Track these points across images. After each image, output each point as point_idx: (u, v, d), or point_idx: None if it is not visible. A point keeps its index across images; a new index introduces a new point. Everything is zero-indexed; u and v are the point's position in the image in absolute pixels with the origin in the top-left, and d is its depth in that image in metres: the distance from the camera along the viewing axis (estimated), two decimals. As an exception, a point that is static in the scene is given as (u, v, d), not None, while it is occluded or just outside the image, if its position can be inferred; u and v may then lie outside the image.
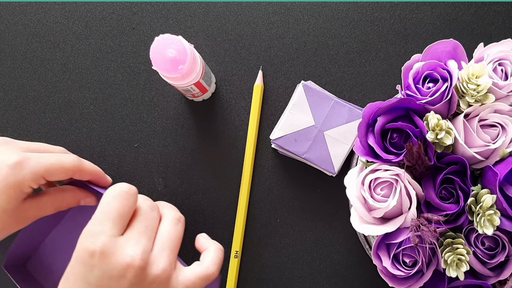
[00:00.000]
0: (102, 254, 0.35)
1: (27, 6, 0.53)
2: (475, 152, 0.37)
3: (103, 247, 0.35)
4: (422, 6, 0.51)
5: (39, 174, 0.40)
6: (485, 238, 0.38)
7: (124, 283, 0.35)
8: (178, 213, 0.41)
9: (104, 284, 0.35)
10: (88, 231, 0.36)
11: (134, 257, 0.35)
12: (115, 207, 0.37)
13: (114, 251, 0.35)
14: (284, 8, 0.52)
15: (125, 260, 0.35)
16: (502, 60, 0.39)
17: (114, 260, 0.35)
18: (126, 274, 0.35)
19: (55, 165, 0.41)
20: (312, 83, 0.49)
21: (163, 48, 0.42)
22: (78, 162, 0.43)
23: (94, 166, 0.45)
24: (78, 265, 0.35)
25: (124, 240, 0.36)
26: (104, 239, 0.35)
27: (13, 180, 0.39)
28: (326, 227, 0.51)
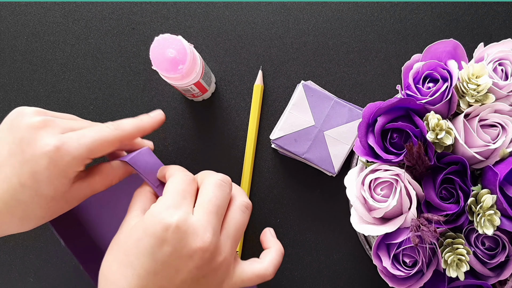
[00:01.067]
0: (178, 229, 0.33)
1: (27, 6, 0.53)
2: (475, 152, 0.37)
3: (181, 222, 0.34)
4: (422, 6, 0.51)
5: (83, 156, 0.37)
6: (485, 238, 0.38)
7: (191, 264, 0.34)
8: (247, 199, 0.40)
9: (171, 262, 0.34)
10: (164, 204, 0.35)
11: (206, 240, 0.34)
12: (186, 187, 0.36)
13: (189, 229, 0.34)
14: (284, 8, 0.52)
15: (198, 241, 0.34)
16: (502, 60, 0.39)
17: (187, 239, 0.34)
18: (195, 256, 0.34)
19: (97, 141, 0.38)
20: (312, 83, 0.49)
21: (163, 48, 0.42)
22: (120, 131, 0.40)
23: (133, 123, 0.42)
24: (148, 238, 0.34)
25: (197, 219, 0.35)
26: (182, 214, 0.34)
27: (56, 170, 0.36)
28: (326, 227, 0.51)
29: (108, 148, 0.39)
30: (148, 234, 0.34)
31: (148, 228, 0.34)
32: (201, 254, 0.34)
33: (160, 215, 0.34)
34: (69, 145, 0.37)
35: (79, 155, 0.37)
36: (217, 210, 0.36)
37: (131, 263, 0.34)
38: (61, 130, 0.38)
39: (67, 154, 0.36)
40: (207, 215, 0.35)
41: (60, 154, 0.36)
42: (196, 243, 0.34)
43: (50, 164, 0.36)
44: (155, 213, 0.34)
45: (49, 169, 0.36)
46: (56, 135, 0.37)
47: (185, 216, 0.34)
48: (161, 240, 0.33)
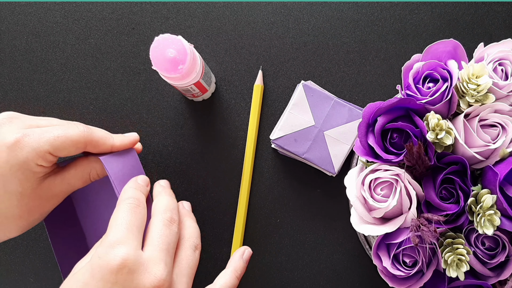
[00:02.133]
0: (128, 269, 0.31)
1: (27, 6, 0.53)
2: (475, 152, 0.37)
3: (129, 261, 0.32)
4: (422, 6, 0.51)
5: (43, 150, 0.36)
6: (485, 238, 0.38)
7: None
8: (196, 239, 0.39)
9: None
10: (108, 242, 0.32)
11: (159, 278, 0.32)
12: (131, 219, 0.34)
13: (140, 267, 0.32)
14: (284, 8, 0.52)
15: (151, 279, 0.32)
16: (502, 60, 0.39)
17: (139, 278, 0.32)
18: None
19: (60, 138, 0.37)
20: (312, 83, 0.49)
21: (163, 48, 0.42)
22: (87, 131, 0.38)
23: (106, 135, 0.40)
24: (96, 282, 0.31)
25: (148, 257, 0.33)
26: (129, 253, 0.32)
27: (16, 161, 0.35)
28: (326, 227, 0.51)
29: (72, 147, 0.38)
30: (96, 278, 0.32)
31: (95, 273, 0.32)
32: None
33: (107, 256, 0.32)
34: (30, 137, 0.36)
35: (39, 147, 0.36)
36: (167, 247, 0.35)
37: None
38: (25, 126, 0.37)
39: (27, 145, 0.36)
40: (159, 252, 0.34)
41: (20, 145, 0.35)
42: (149, 281, 0.32)
43: (10, 156, 0.35)
44: (101, 254, 0.32)
45: (9, 161, 0.35)
46: (19, 129, 0.36)
47: (133, 253, 0.32)
48: (110, 283, 0.31)
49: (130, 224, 0.34)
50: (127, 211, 0.35)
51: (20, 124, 0.37)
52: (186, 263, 0.36)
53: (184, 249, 0.37)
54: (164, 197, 0.39)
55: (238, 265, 0.40)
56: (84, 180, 0.41)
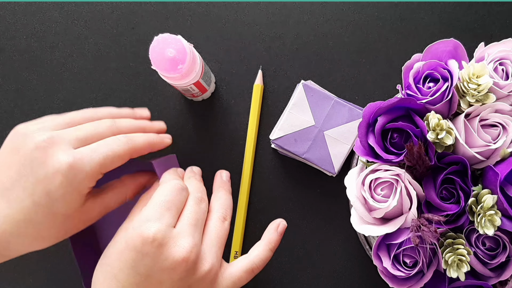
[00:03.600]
0: (156, 242, 0.34)
1: (27, 6, 0.53)
2: (475, 152, 0.37)
3: (159, 235, 0.34)
4: (422, 6, 0.51)
5: (95, 172, 0.37)
6: (485, 238, 0.38)
7: (174, 276, 0.34)
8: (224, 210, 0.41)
9: (154, 275, 0.34)
10: (145, 216, 0.35)
11: (188, 250, 0.34)
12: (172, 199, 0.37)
13: (169, 241, 0.34)
14: (284, 8, 0.52)
15: (180, 252, 0.34)
16: (503, 59, 0.39)
17: (168, 251, 0.34)
18: (178, 267, 0.34)
19: (109, 156, 0.38)
20: (312, 83, 0.49)
21: (163, 48, 0.42)
22: (131, 144, 0.40)
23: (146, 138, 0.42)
24: (129, 251, 0.34)
25: (178, 232, 0.35)
26: (161, 227, 0.34)
27: (70, 187, 0.36)
28: (326, 227, 0.50)
29: (119, 162, 0.39)
30: (129, 247, 0.34)
31: (129, 242, 0.34)
32: (184, 265, 0.34)
33: (140, 228, 0.34)
34: (82, 161, 0.36)
35: (92, 170, 0.37)
36: (196, 223, 0.37)
37: (116, 276, 0.34)
38: (69, 144, 0.37)
39: (81, 171, 0.36)
40: (187, 226, 0.36)
41: (74, 171, 0.36)
42: (177, 254, 0.34)
43: (64, 182, 0.36)
44: (136, 225, 0.35)
45: (63, 186, 0.36)
46: (66, 152, 0.36)
47: (164, 228, 0.35)
48: (141, 254, 0.34)
49: (169, 203, 0.36)
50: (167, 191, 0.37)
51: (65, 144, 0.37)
52: (214, 233, 0.39)
53: (212, 220, 0.40)
54: (194, 181, 0.42)
55: (272, 237, 0.42)
56: (120, 202, 0.42)
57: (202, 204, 0.39)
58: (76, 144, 0.38)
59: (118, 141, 0.39)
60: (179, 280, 0.35)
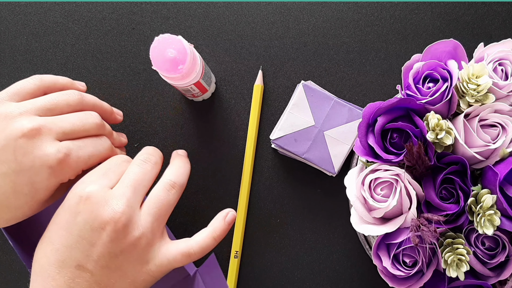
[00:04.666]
0: (89, 200, 0.34)
1: (27, 6, 0.53)
2: (475, 152, 0.37)
3: (91, 193, 0.35)
4: (422, 6, 0.51)
5: (79, 169, 0.38)
6: (485, 238, 0.38)
7: (103, 236, 0.34)
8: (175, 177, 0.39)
9: (85, 235, 0.34)
10: (82, 180, 0.36)
11: (117, 211, 0.34)
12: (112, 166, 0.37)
13: (101, 200, 0.35)
14: (284, 8, 0.52)
15: (108, 212, 0.34)
16: (502, 60, 0.39)
17: (98, 210, 0.34)
18: (107, 227, 0.34)
19: (93, 157, 0.39)
20: (312, 83, 0.49)
21: (163, 48, 0.42)
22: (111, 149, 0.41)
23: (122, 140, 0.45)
24: (64, 212, 0.35)
25: (112, 192, 0.35)
26: (96, 187, 0.35)
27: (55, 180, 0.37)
28: (326, 227, 0.51)
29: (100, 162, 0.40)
30: (64, 208, 0.35)
31: (65, 202, 0.35)
32: (113, 225, 0.34)
33: (76, 189, 0.35)
34: (70, 158, 0.37)
35: (77, 167, 0.38)
36: (135, 184, 0.37)
37: (50, 238, 0.35)
38: (56, 137, 0.37)
39: (68, 168, 0.37)
40: (124, 188, 0.36)
41: (61, 166, 0.36)
42: (107, 213, 0.34)
43: (51, 175, 0.36)
44: (73, 188, 0.36)
45: (49, 180, 0.36)
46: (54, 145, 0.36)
47: (99, 188, 0.35)
48: (74, 213, 0.34)
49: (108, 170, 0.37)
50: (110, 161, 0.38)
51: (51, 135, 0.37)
52: (154, 201, 0.38)
53: (157, 187, 0.38)
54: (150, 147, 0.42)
55: (219, 226, 0.41)
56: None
57: (146, 165, 0.38)
58: (62, 137, 0.38)
59: (103, 144, 0.40)
60: (109, 241, 0.34)
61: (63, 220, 0.35)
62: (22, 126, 0.36)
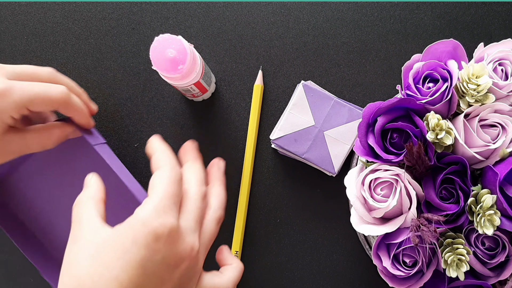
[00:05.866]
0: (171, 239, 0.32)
1: (27, 6, 0.53)
2: (475, 152, 0.37)
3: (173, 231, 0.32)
4: (422, 6, 0.51)
5: (22, 103, 0.37)
6: (485, 238, 0.38)
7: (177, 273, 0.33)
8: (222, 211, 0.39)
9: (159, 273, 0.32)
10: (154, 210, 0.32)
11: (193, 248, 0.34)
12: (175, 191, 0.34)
13: (179, 237, 0.33)
14: (284, 8, 0.52)
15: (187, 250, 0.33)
16: (502, 60, 0.39)
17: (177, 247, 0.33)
18: (182, 264, 0.33)
19: (40, 95, 0.38)
20: (312, 83, 0.49)
21: (163, 48, 0.42)
22: (66, 95, 0.40)
23: (81, 103, 0.42)
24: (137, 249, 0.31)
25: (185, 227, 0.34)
26: (174, 223, 0.33)
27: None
28: (326, 227, 0.51)
29: (49, 106, 0.39)
30: (139, 244, 0.32)
31: (139, 238, 0.32)
32: (188, 262, 0.34)
33: (152, 223, 0.32)
34: (13, 89, 0.37)
35: (20, 100, 0.37)
36: (200, 220, 0.36)
37: (116, 278, 0.31)
38: (6, 74, 0.38)
39: (10, 97, 0.37)
40: (194, 223, 0.35)
41: (3, 96, 0.36)
42: (184, 251, 0.33)
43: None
44: (146, 220, 0.32)
45: None
46: (3, 80, 0.37)
47: (176, 224, 0.33)
48: (152, 251, 0.32)
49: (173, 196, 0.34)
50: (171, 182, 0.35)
51: (2, 72, 0.38)
52: (208, 235, 0.37)
53: (209, 221, 0.38)
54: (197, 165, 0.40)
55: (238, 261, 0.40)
56: (42, 146, 0.42)
57: (205, 200, 0.38)
58: (12, 77, 0.38)
59: (55, 87, 0.40)
60: (179, 277, 0.33)
61: (137, 258, 0.31)
62: None
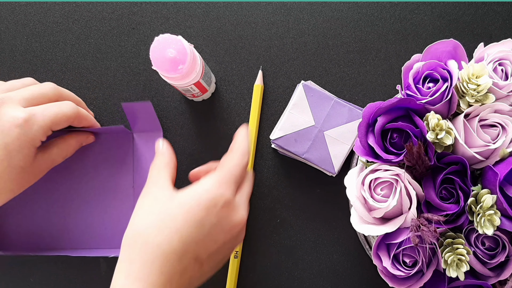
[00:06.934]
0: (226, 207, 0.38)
1: (27, 6, 0.53)
2: (475, 152, 0.37)
3: (229, 201, 0.39)
4: (422, 6, 0.51)
5: (48, 127, 0.42)
6: (485, 238, 0.38)
7: (227, 236, 0.39)
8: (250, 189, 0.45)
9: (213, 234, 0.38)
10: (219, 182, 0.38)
11: (244, 220, 0.40)
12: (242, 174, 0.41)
13: (234, 208, 0.39)
14: (284, 8, 0.52)
15: (239, 220, 0.39)
16: (502, 60, 0.39)
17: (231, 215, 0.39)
18: (233, 230, 0.39)
19: (59, 115, 0.43)
20: (312, 83, 0.49)
21: (163, 48, 0.42)
22: (76, 109, 0.45)
23: (87, 112, 0.48)
24: (199, 210, 0.37)
25: (239, 202, 0.40)
26: (232, 196, 0.39)
27: (26, 139, 0.40)
28: (326, 227, 0.51)
29: (66, 122, 0.44)
30: (201, 207, 0.37)
31: (201, 202, 0.37)
32: (237, 230, 0.39)
33: (214, 192, 0.38)
34: (36, 116, 0.41)
35: (45, 124, 0.42)
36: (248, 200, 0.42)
37: (179, 230, 0.37)
38: (18, 103, 0.42)
39: (35, 124, 0.41)
40: (245, 199, 0.41)
41: (29, 124, 0.41)
42: (237, 220, 0.39)
43: (21, 134, 0.40)
44: (209, 189, 0.38)
45: (19, 139, 0.40)
46: (19, 108, 0.41)
47: (232, 197, 0.39)
48: (212, 214, 0.37)
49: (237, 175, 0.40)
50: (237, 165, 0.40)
51: (15, 102, 0.42)
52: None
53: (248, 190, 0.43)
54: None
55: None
56: (63, 157, 0.47)
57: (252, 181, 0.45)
58: (24, 103, 0.42)
59: (67, 105, 0.44)
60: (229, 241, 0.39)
61: (197, 217, 0.37)
62: None
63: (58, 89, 0.46)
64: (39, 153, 0.43)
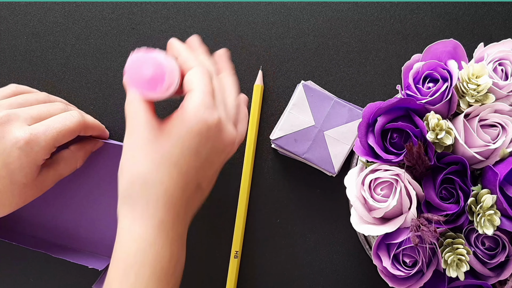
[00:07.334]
0: (217, 127, 0.37)
1: (27, 6, 0.53)
2: (475, 152, 0.37)
3: (219, 120, 0.37)
4: (422, 6, 0.51)
5: (50, 146, 0.41)
6: (485, 238, 0.38)
7: (222, 156, 0.39)
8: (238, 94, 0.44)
9: (210, 157, 0.37)
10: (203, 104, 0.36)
11: (234, 135, 0.39)
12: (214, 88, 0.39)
13: (225, 126, 0.38)
14: (284, 8, 0.52)
15: (231, 136, 0.38)
16: (502, 60, 0.39)
17: (224, 134, 0.38)
18: (226, 149, 0.39)
19: (62, 131, 0.42)
20: (312, 83, 0.49)
21: (139, 67, 0.37)
22: (82, 120, 0.44)
23: (95, 120, 0.47)
24: (193, 137, 0.36)
25: (226, 117, 0.39)
26: (221, 113, 0.37)
27: (27, 159, 0.40)
28: (326, 227, 0.51)
29: (71, 136, 0.43)
30: (194, 133, 0.36)
31: (193, 128, 0.36)
32: (230, 147, 0.39)
33: (203, 115, 0.36)
34: (37, 137, 0.40)
35: (47, 144, 0.41)
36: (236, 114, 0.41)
37: (176, 163, 0.36)
38: (24, 121, 0.41)
39: (36, 145, 0.40)
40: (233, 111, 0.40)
41: (30, 146, 0.40)
42: (229, 137, 0.38)
43: (21, 155, 0.40)
44: (197, 112, 0.36)
45: (20, 159, 0.40)
46: (22, 128, 0.40)
47: (221, 115, 0.38)
48: (205, 138, 0.36)
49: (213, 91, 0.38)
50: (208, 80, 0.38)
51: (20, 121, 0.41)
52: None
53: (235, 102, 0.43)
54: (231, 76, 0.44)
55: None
56: (71, 170, 0.46)
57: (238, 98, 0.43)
58: (30, 122, 0.41)
59: (70, 118, 0.43)
60: (223, 160, 0.39)
61: (193, 145, 0.36)
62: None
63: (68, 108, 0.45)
64: (43, 169, 0.43)
